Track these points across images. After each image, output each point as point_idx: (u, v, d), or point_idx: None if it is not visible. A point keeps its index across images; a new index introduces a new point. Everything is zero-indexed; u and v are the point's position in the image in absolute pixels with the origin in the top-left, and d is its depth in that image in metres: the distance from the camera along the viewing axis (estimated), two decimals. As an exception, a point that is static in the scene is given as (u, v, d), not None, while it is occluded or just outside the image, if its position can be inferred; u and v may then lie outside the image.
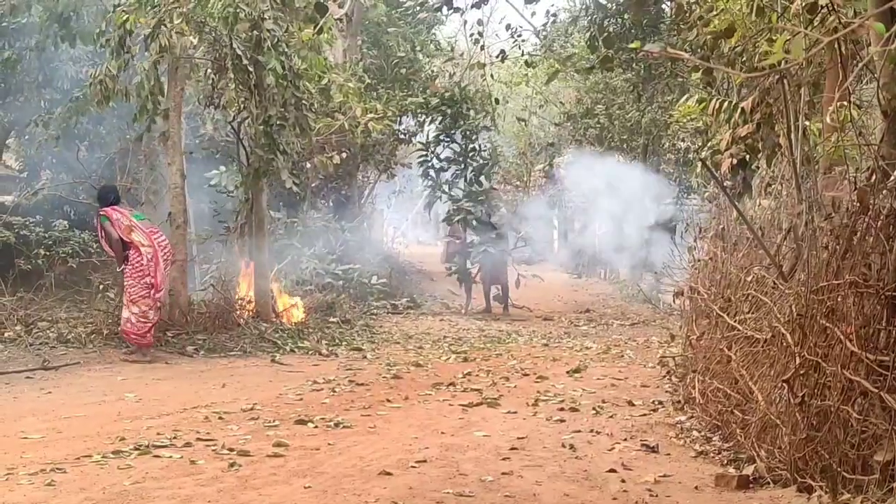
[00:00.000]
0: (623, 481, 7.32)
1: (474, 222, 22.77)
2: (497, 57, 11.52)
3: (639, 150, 30.32)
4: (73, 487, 6.91)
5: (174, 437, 8.63)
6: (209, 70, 15.80)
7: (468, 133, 23.46)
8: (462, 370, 13.19)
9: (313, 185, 22.70)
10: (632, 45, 5.11)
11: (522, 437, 8.90)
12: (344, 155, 20.85)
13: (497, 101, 11.17)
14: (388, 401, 10.77)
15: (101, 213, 13.79)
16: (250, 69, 14.49)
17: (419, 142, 24.44)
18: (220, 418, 9.65)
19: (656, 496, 6.94)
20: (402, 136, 25.69)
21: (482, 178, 23.52)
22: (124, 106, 16.32)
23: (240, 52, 14.29)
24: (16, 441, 8.66)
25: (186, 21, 14.30)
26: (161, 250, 13.67)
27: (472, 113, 23.16)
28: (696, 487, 7.18)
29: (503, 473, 7.49)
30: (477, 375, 12.79)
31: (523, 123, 33.62)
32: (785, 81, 8.32)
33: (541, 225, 29.55)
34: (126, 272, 13.71)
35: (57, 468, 7.43)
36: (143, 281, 13.56)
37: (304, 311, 17.46)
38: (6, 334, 14.31)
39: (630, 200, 31.26)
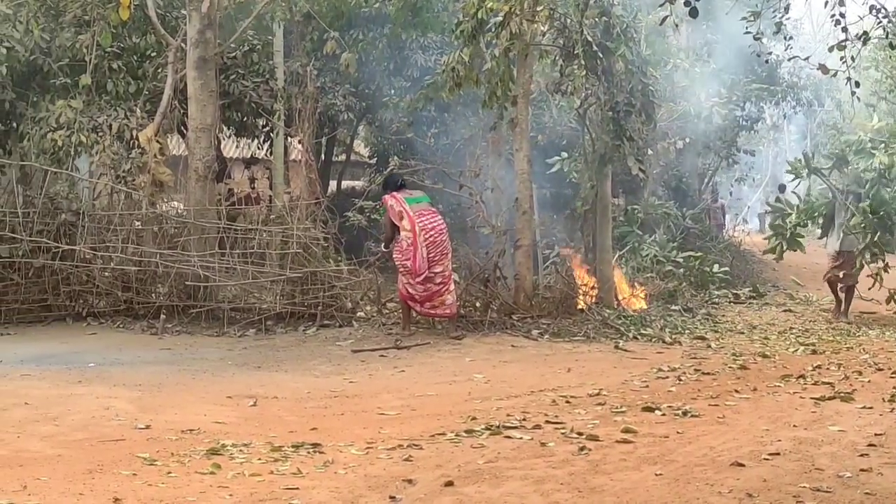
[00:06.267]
0: None
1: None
2: (859, 38, 11.03)
3: None
4: (430, 464, 7.15)
5: (523, 419, 8.78)
6: (557, 57, 15.91)
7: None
8: (811, 363, 12.68)
9: (654, 171, 22.53)
10: None
11: (880, 434, 8.46)
12: (687, 140, 20.61)
13: (857, 84, 10.70)
14: (736, 391, 10.50)
15: (383, 199, 14.42)
16: (600, 55, 14.53)
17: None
18: (567, 402, 9.74)
19: None
20: (743, 123, 25.16)
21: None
22: (469, 93, 16.74)
23: (590, 39, 14.35)
24: (374, 416, 9.08)
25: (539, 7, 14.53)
26: (424, 233, 13.78)
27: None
28: None
29: (862, 470, 7.15)
30: (827, 368, 12.27)
31: (871, 109, 32.24)
32: None
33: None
34: (394, 254, 14.17)
35: (413, 444, 7.72)
36: (404, 264, 13.87)
37: (646, 298, 17.35)
38: (359, 314, 15.02)
39: None
